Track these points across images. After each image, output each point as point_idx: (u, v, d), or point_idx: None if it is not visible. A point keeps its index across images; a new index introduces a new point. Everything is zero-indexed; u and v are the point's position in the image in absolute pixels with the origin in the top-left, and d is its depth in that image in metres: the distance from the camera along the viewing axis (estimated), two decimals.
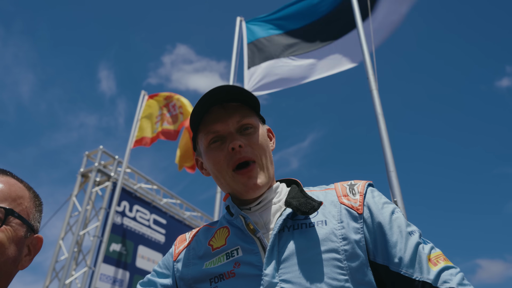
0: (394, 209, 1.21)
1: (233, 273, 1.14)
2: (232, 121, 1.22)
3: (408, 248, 1.10)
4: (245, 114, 1.25)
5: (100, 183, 7.99)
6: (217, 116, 1.23)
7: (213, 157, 1.24)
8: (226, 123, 1.22)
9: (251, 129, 1.24)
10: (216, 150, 1.23)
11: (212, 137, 1.23)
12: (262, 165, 1.22)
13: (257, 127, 1.26)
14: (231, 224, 1.26)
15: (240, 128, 1.23)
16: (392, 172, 2.94)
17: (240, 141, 1.20)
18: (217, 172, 1.25)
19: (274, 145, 1.38)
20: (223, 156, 1.21)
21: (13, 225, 0.98)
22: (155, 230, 8.66)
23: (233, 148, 1.19)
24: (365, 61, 3.70)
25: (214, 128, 1.23)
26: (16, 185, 1.04)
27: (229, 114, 1.23)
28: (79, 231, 7.37)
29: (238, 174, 1.20)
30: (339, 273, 1.07)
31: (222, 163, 1.22)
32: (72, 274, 7.12)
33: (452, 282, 1.04)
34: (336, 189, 1.26)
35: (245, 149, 1.20)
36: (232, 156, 1.20)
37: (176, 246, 1.38)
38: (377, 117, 3.33)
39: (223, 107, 1.24)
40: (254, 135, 1.24)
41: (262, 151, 1.24)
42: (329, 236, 1.12)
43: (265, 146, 1.26)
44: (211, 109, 1.25)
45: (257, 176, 1.20)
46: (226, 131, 1.22)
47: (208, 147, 1.25)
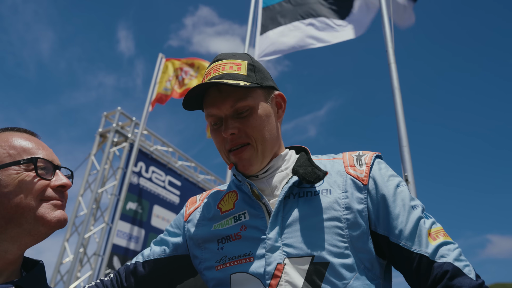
0: (400, 182, 1.22)
1: (239, 235, 1.20)
2: (225, 107, 1.22)
3: (410, 221, 1.12)
4: (240, 96, 1.21)
5: (118, 143, 8.16)
6: (213, 99, 1.23)
7: (214, 138, 1.28)
8: (219, 108, 1.22)
9: (247, 111, 1.22)
10: (217, 132, 1.26)
11: (212, 120, 1.26)
12: (256, 148, 1.22)
13: (254, 107, 1.23)
14: (239, 189, 1.32)
15: (235, 111, 1.22)
16: (405, 147, 2.96)
17: (234, 127, 1.21)
18: (218, 150, 1.30)
19: (283, 113, 1.36)
20: (221, 138, 1.25)
21: None
22: (170, 191, 8.90)
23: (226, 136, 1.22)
24: (385, 34, 3.64)
25: (211, 112, 1.24)
26: None
27: (223, 98, 1.22)
28: (97, 189, 7.63)
29: (231, 154, 1.24)
30: (340, 240, 1.11)
31: (221, 144, 1.26)
32: (90, 229, 7.43)
33: (449, 257, 1.06)
34: (343, 159, 1.28)
35: (238, 135, 1.22)
36: (227, 141, 1.23)
37: (187, 208, 1.44)
38: (394, 91, 3.30)
39: (218, 90, 1.23)
40: (250, 118, 1.22)
41: (258, 132, 1.22)
42: (332, 205, 1.15)
43: (262, 126, 1.23)
44: (208, 91, 1.25)
45: (248, 157, 1.22)
46: (222, 114, 1.23)
47: (211, 127, 1.28)
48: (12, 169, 1.00)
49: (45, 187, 1.04)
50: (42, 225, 1.01)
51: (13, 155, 1.02)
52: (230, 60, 1.27)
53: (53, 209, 1.03)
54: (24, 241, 1.01)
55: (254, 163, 1.23)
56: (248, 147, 1.22)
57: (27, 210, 0.99)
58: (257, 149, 1.23)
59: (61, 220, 1.04)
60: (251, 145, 1.22)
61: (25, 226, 0.99)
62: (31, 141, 1.08)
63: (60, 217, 1.04)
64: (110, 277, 1.41)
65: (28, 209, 0.99)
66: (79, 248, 6.98)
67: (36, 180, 1.02)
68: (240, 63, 1.27)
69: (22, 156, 1.03)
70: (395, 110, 3.20)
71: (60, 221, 1.04)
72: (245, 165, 1.23)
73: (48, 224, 1.01)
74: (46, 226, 1.01)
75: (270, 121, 1.27)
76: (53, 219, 1.02)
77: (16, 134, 1.08)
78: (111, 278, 1.40)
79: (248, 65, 1.28)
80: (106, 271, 6.86)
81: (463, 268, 1.04)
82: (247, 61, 1.29)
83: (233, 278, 1.16)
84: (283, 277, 1.08)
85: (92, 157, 7.95)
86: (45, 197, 1.03)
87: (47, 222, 1.01)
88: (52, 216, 1.02)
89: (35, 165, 1.03)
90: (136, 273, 1.38)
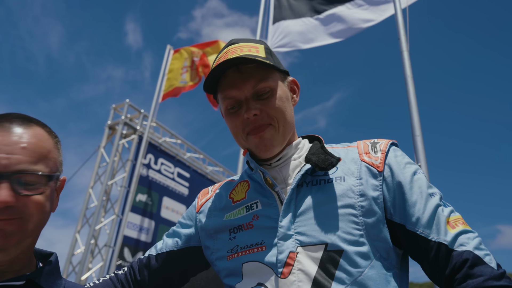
0: (417, 169, 1.19)
1: (251, 225, 1.19)
2: (247, 87, 1.19)
3: (427, 209, 1.09)
4: (261, 77, 1.20)
5: (127, 135, 8.19)
6: (232, 81, 1.20)
7: (230, 122, 1.25)
8: (240, 90, 1.20)
9: (268, 93, 1.21)
10: (234, 116, 1.23)
11: (229, 103, 1.22)
12: (278, 128, 1.21)
13: (275, 88, 1.22)
14: (251, 178, 1.30)
15: (256, 93, 1.20)
16: (418, 136, 2.91)
17: (256, 108, 1.18)
18: (234, 135, 1.27)
19: (298, 98, 1.35)
20: (239, 122, 1.21)
21: (50, 185, 0.98)
22: (179, 183, 8.93)
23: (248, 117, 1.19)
24: (397, 22, 3.57)
25: (230, 94, 1.21)
26: (44, 137, 1.00)
27: (244, 79, 1.20)
28: (107, 181, 7.67)
29: (251, 135, 1.20)
30: (354, 228, 1.08)
31: (238, 128, 1.23)
32: (101, 221, 7.49)
33: (469, 246, 1.02)
34: (358, 147, 1.25)
35: (260, 116, 1.19)
36: (248, 123, 1.20)
37: (199, 199, 1.44)
38: (406, 80, 3.25)
39: (238, 70, 1.21)
40: (271, 99, 1.20)
41: (280, 113, 1.21)
42: (346, 192, 1.13)
43: (283, 108, 1.22)
44: (226, 73, 1.22)
45: (270, 137, 1.20)
46: (242, 97, 1.20)
47: (227, 111, 1.25)
48: None
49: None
50: None
51: None
52: (247, 43, 1.25)
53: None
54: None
55: (275, 143, 1.21)
56: (269, 127, 1.20)
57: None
58: (279, 130, 1.21)
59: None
60: (273, 126, 1.20)
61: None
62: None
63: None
64: (124, 271, 1.40)
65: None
66: (90, 239, 7.05)
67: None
68: (257, 46, 1.25)
69: None
70: (408, 99, 3.15)
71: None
72: (266, 145, 1.20)
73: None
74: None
75: (288, 104, 1.26)
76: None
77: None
78: (125, 272, 1.39)
79: (265, 48, 1.26)
80: (117, 262, 6.93)
81: (483, 257, 1.00)
82: (264, 45, 1.27)
83: (245, 268, 1.15)
84: (296, 265, 1.06)
85: (101, 149, 7.99)
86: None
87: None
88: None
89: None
90: (149, 266, 1.37)
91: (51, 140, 1.02)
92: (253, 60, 1.16)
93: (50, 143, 1.01)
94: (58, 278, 1.04)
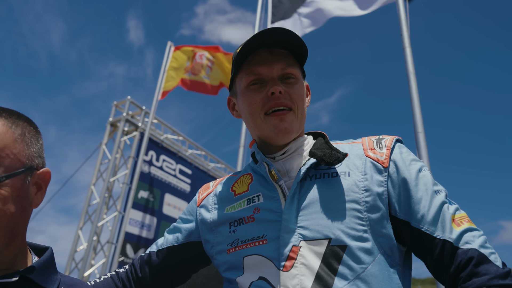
0: (422, 166, 1.18)
1: (252, 218, 1.18)
2: (276, 67, 1.21)
3: (433, 206, 1.08)
4: (291, 63, 1.24)
5: (128, 132, 8.19)
6: (263, 59, 1.22)
7: (249, 98, 1.23)
8: (270, 68, 1.21)
9: (293, 79, 1.23)
10: (255, 92, 1.23)
11: (254, 79, 1.23)
12: (297, 114, 1.22)
13: (299, 78, 1.25)
14: (255, 171, 1.29)
15: (283, 76, 1.22)
16: (420, 133, 2.91)
17: (281, 88, 1.20)
18: (249, 114, 1.25)
19: (309, 102, 1.37)
20: (260, 98, 1.21)
21: (7, 184, 0.91)
22: (180, 180, 8.94)
23: (273, 93, 1.19)
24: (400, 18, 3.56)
25: (258, 70, 1.22)
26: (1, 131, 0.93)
27: (275, 60, 1.22)
28: (109, 178, 7.69)
29: (271, 116, 1.20)
30: (358, 224, 1.07)
31: (257, 105, 1.22)
32: (103, 217, 7.51)
33: (474, 244, 1.02)
34: (363, 143, 1.25)
35: (283, 96, 1.20)
36: (270, 100, 1.20)
37: (200, 194, 1.42)
38: (409, 76, 3.24)
39: (270, 52, 1.23)
40: (295, 85, 1.23)
41: (300, 102, 1.23)
42: (351, 187, 1.12)
43: (303, 98, 1.26)
44: (257, 51, 1.23)
45: (290, 121, 1.20)
46: (269, 76, 1.22)
47: (247, 87, 1.24)
48: None
49: None
50: None
51: None
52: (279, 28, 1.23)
53: None
54: None
55: (293, 129, 1.22)
56: (290, 112, 1.21)
57: None
58: (297, 117, 1.23)
59: None
60: (293, 111, 1.22)
61: None
62: None
63: None
64: (125, 269, 1.40)
65: None
66: (92, 236, 7.07)
67: None
68: None
69: None
70: (410, 95, 3.14)
71: None
72: (287, 128, 1.20)
73: None
74: None
75: (305, 99, 1.30)
76: None
77: None
78: (126, 270, 1.39)
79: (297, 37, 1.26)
80: (120, 258, 6.95)
81: (489, 255, 1.00)
82: None
83: (246, 261, 1.14)
84: (299, 259, 1.05)
85: (103, 146, 8.00)
86: None
87: None
88: None
89: None
90: (150, 262, 1.37)
91: (10, 133, 0.94)
92: (291, 36, 1.19)
93: (7, 137, 0.93)
94: (53, 273, 1.02)
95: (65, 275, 1.08)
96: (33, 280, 0.94)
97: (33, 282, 0.95)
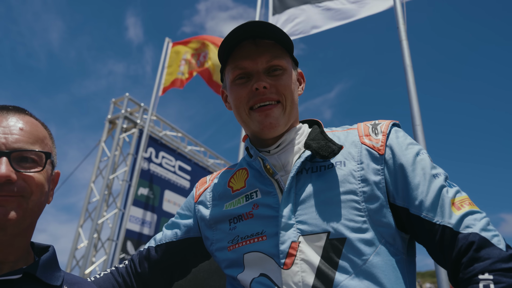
0: (420, 150, 1.15)
1: (251, 214, 1.17)
2: (261, 60, 1.19)
3: (431, 191, 1.06)
4: (277, 54, 1.21)
5: (127, 129, 8.19)
6: (247, 52, 1.20)
7: (235, 93, 1.22)
8: (255, 61, 1.19)
9: (280, 70, 1.20)
10: (240, 86, 1.21)
11: (239, 73, 1.21)
12: (284, 107, 1.20)
13: (286, 68, 1.22)
14: (250, 166, 1.28)
15: (269, 68, 1.20)
16: (418, 126, 2.91)
17: (266, 82, 1.17)
18: (236, 108, 1.24)
19: (303, 90, 1.34)
20: (245, 93, 1.19)
21: (47, 166, 1.00)
22: (180, 176, 8.95)
23: (257, 89, 1.17)
24: (396, 10, 3.55)
25: (242, 64, 1.20)
26: (38, 125, 1.03)
27: (259, 52, 1.19)
28: (109, 175, 7.68)
29: (256, 111, 1.18)
30: (357, 215, 1.06)
31: (243, 100, 1.20)
32: (103, 215, 7.52)
33: (475, 227, 0.98)
34: (358, 129, 1.22)
35: (269, 90, 1.18)
36: (255, 95, 1.18)
37: (197, 189, 1.42)
38: (406, 69, 3.23)
39: (254, 43, 1.20)
40: (282, 77, 1.20)
41: (289, 92, 1.21)
42: (347, 178, 1.10)
43: (292, 89, 1.22)
44: (242, 44, 1.21)
45: (276, 116, 1.18)
46: (253, 69, 1.19)
47: (233, 82, 1.23)
48: None
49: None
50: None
51: None
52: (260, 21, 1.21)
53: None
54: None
55: (280, 123, 1.20)
56: (277, 106, 1.19)
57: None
58: (285, 109, 1.20)
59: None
60: (281, 104, 1.20)
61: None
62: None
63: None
64: (125, 264, 1.40)
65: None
66: (93, 233, 7.08)
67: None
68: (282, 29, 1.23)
69: None
70: (408, 88, 3.14)
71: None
72: (272, 123, 1.18)
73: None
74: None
75: (296, 88, 1.27)
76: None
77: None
78: (126, 265, 1.39)
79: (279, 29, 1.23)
80: (120, 255, 6.97)
81: (491, 238, 0.96)
82: None
83: (247, 258, 1.14)
84: (298, 255, 1.05)
85: (102, 143, 7.99)
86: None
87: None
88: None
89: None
90: (149, 258, 1.37)
91: (45, 130, 1.06)
92: (276, 29, 1.17)
93: (44, 131, 1.04)
94: (56, 270, 1.02)
95: (68, 273, 1.08)
96: (37, 277, 0.95)
97: (37, 279, 0.95)
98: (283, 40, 1.21)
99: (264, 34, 1.19)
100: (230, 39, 1.18)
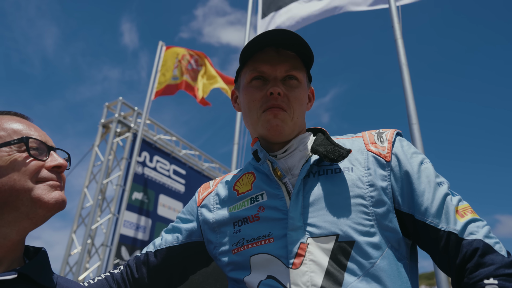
0: (423, 159, 1.19)
1: (257, 217, 1.17)
2: (281, 68, 1.22)
3: (436, 198, 1.09)
4: (296, 66, 1.24)
5: (121, 134, 8.13)
6: (269, 57, 1.22)
7: (250, 94, 1.24)
8: (274, 67, 1.22)
9: (295, 81, 1.23)
10: (255, 89, 1.23)
11: (256, 75, 1.23)
12: (291, 117, 1.22)
13: (302, 82, 1.25)
14: (257, 169, 1.28)
15: (286, 77, 1.22)
16: (415, 124, 2.90)
17: (281, 89, 1.19)
18: (248, 110, 1.26)
19: (311, 107, 1.38)
20: (260, 96, 1.22)
21: None
22: (175, 180, 8.89)
23: (272, 93, 1.19)
24: (391, 9, 3.54)
25: (261, 68, 1.22)
26: None
27: (280, 60, 1.22)
28: (103, 180, 7.62)
29: (267, 112, 1.20)
30: (365, 219, 1.08)
31: (256, 103, 1.22)
32: (97, 220, 7.45)
33: (479, 234, 1.03)
34: (363, 137, 1.25)
35: (282, 98, 1.20)
36: (268, 100, 1.20)
37: (199, 193, 1.41)
38: (401, 68, 3.22)
39: (277, 51, 1.23)
40: (296, 89, 1.23)
41: (298, 106, 1.23)
42: (355, 182, 1.12)
43: (302, 103, 1.25)
44: (265, 49, 1.23)
45: (284, 119, 1.20)
46: (271, 75, 1.22)
47: (249, 83, 1.25)
48: (2, 151, 0.96)
49: (40, 168, 0.99)
50: (39, 207, 0.96)
51: (3, 137, 0.98)
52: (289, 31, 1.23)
53: (50, 190, 0.99)
54: (22, 225, 0.96)
55: (286, 127, 1.21)
56: (285, 113, 1.21)
57: (22, 192, 0.95)
58: (292, 118, 1.22)
59: (59, 201, 0.99)
60: (288, 113, 1.21)
61: (22, 209, 0.95)
62: (22, 123, 1.04)
63: (58, 198, 0.99)
64: (120, 269, 1.36)
65: (23, 190, 0.95)
66: (86, 239, 7.01)
67: (29, 160, 0.98)
68: None
69: (13, 137, 0.99)
70: (403, 87, 3.13)
71: (58, 202, 0.99)
72: (278, 125, 1.20)
73: (45, 206, 0.97)
74: (44, 208, 0.97)
75: (305, 104, 1.29)
76: (51, 200, 0.97)
77: (6, 117, 1.05)
78: (121, 271, 1.35)
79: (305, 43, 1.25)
80: (115, 261, 6.89)
81: (493, 245, 1.00)
82: None
83: (253, 260, 1.13)
84: (307, 256, 1.05)
85: (95, 148, 7.93)
86: (40, 178, 0.98)
87: (44, 203, 0.96)
88: (49, 197, 0.97)
89: (27, 145, 0.99)
90: (148, 263, 1.34)
91: None
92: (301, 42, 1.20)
93: None
94: (50, 272, 1.04)
95: (61, 276, 1.10)
96: (31, 277, 0.95)
97: (31, 280, 0.95)
98: (305, 54, 1.24)
99: (288, 44, 1.22)
100: (254, 43, 1.21)
